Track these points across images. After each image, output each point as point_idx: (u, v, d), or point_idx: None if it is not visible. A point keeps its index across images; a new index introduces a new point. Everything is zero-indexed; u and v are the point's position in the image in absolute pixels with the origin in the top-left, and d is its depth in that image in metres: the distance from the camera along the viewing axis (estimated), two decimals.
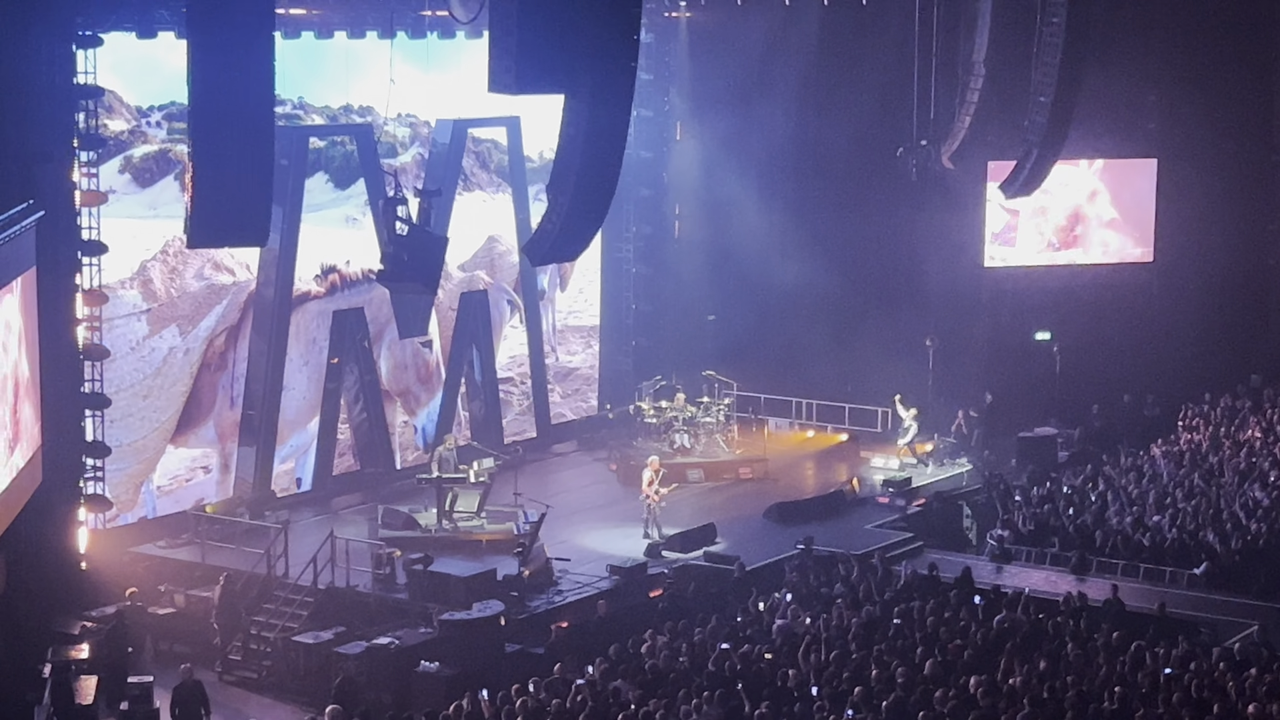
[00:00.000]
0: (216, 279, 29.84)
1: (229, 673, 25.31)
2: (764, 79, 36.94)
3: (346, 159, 31.81)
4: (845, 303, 37.16)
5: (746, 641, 22.58)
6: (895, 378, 35.92)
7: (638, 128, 34.11)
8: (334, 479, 31.86)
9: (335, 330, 31.44)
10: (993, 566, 28.32)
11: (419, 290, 26.40)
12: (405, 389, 33.13)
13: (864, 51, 36.27)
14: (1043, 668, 21.03)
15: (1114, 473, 32.47)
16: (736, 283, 37.41)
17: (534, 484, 31.86)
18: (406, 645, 24.31)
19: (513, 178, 34.71)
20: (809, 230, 37.13)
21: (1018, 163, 33.36)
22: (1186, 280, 38.70)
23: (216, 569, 26.74)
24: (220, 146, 20.47)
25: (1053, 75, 31.48)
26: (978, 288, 38.68)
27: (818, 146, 37.60)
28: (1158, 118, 39.07)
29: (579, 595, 26.57)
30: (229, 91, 20.44)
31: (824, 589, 25.69)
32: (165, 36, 27.34)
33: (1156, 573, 27.72)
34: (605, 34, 21.17)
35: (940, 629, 22.88)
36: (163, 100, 28.89)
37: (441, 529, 29.02)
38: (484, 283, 34.41)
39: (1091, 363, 37.85)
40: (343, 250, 31.76)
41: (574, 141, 21.70)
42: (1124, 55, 36.88)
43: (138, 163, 28.79)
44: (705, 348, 37.12)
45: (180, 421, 29.46)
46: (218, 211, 20.83)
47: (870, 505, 32.02)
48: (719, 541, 29.13)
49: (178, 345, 29.30)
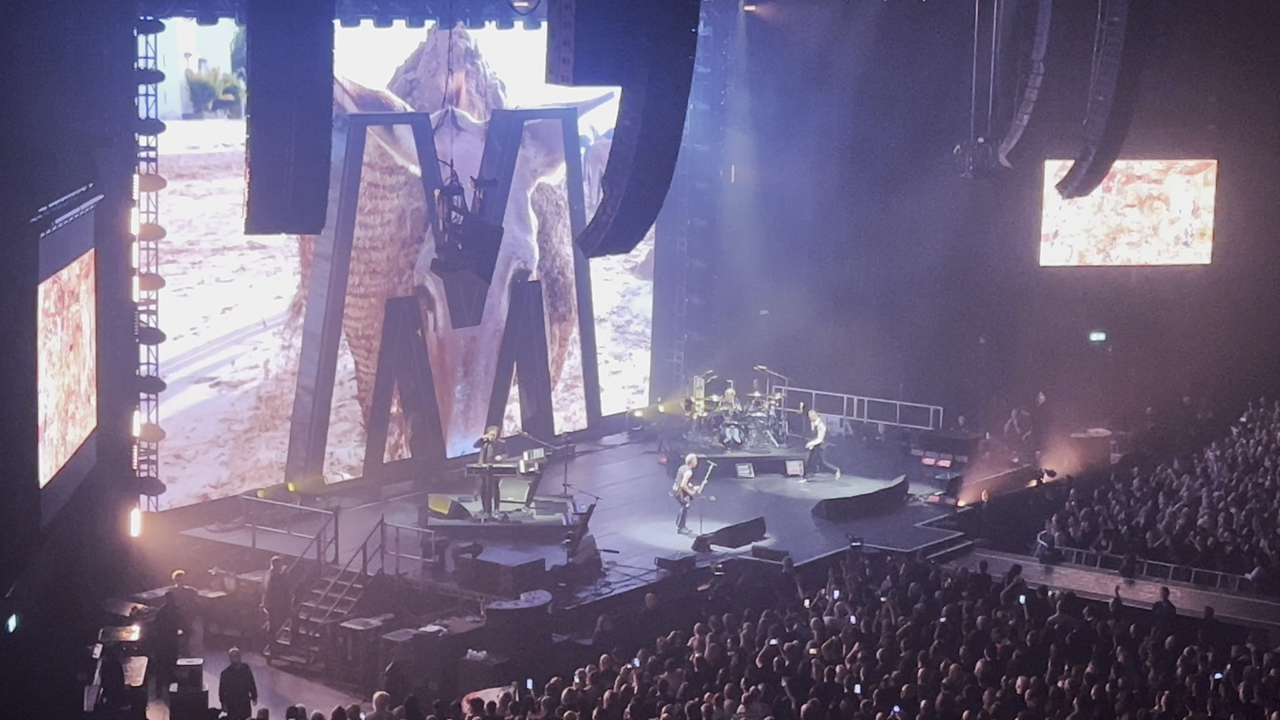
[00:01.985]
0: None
1: (277, 658, 25.45)
2: (821, 73, 36.82)
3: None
4: (898, 300, 37.06)
5: (794, 637, 22.56)
6: (948, 376, 35.77)
7: (694, 121, 34.11)
8: (384, 466, 31.97)
9: (389, 317, 31.55)
10: (1042, 568, 28.18)
11: (473, 278, 26.45)
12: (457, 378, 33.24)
13: (922, 47, 36.16)
14: (1091, 670, 20.92)
15: (1167, 476, 32.28)
16: (790, 277, 37.30)
17: (584, 476, 31.93)
18: (454, 634, 24.39)
19: (569, 169, 34.75)
20: (863, 226, 37.07)
21: (1075, 162, 33.17)
22: (1244, 284, 38.40)
23: (267, 554, 26.87)
24: (278, 132, 20.55)
25: (1112, 75, 31.28)
26: (1032, 286, 38.49)
27: (874, 142, 37.48)
28: (1218, 119, 38.79)
29: (626, 587, 26.59)
30: (288, 77, 20.50)
31: (872, 586, 25.63)
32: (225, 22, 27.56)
33: (1207, 577, 27.54)
34: (663, 26, 21.13)
35: (990, 629, 22.81)
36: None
37: (490, 518, 29.08)
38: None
39: (1146, 365, 37.63)
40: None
41: (630, 133, 21.67)
42: (1184, 56, 36.58)
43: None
44: (757, 342, 37.06)
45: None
46: (275, 198, 20.91)
47: (921, 504, 31.92)
48: (767, 537, 29.11)
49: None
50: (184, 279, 28.73)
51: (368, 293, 31.45)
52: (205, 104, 29.12)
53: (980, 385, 36.82)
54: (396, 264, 31.79)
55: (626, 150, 21.79)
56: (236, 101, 28.78)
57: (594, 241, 23.13)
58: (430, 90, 31.74)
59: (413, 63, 31.55)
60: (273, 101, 20.44)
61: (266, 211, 21.08)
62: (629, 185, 21.95)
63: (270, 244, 29.56)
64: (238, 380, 29.82)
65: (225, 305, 29.54)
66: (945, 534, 30.10)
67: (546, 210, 34.65)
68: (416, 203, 31.74)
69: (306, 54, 20.50)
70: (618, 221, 22.40)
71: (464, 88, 32.31)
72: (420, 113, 31.59)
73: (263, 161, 20.60)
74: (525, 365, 34.34)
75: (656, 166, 22.06)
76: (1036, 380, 37.08)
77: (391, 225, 31.62)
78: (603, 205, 22.57)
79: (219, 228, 29.11)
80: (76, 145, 24.69)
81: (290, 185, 20.77)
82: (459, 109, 32.11)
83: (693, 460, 30.06)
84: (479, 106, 32.79)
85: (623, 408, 37.00)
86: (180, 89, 28.47)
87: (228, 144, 28.58)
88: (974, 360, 37.05)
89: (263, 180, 20.66)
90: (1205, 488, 31.18)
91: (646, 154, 21.72)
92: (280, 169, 20.60)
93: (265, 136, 20.55)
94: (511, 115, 33.16)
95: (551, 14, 20.90)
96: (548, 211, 34.70)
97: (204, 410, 29.32)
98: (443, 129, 31.37)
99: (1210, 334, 37.81)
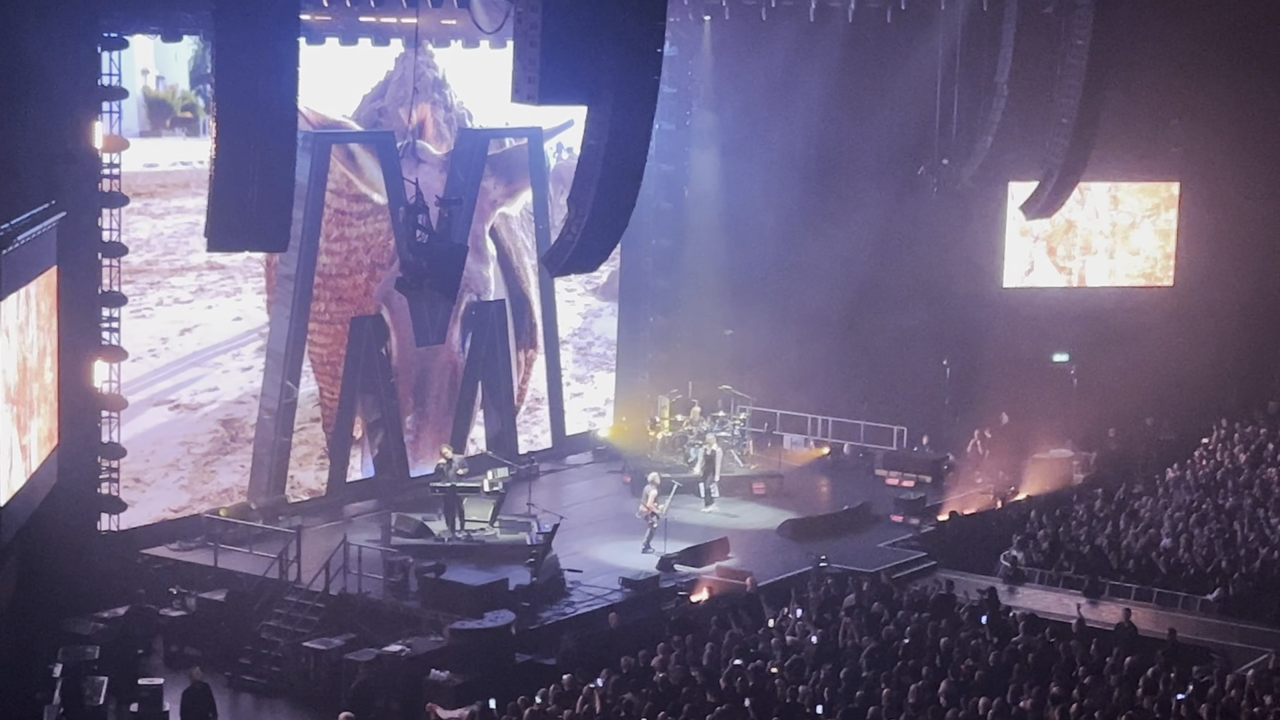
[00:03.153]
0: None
1: (238, 677, 25.30)
2: (786, 95, 36.94)
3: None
4: (863, 320, 37.15)
5: (758, 657, 22.55)
6: (912, 395, 35.84)
7: (659, 140, 34.14)
8: (348, 485, 31.87)
9: (353, 336, 31.47)
10: (1005, 588, 28.23)
11: (437, 298, 26.40)
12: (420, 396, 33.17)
13: (887, 70, 36.28)
14: (1054, 691, 20.96)
15: (1129, 497, 32.39)
16: (755, 298, 37.39)
17: (548, 495, 31.87)
18: (417, 653, 24.29)
19: (534, 188, 34.73)
20: (827, 246, 37.12)
21: (1039, 184, 33.33)
22: (1206, 305, 38.59)
23: (228, 573, 26.72)
24: (243, 150, 20.49)
25: (1075, 98, 31.46)
26: (996, 307, 38.64)
27: (838, 163, 37.62)
28: (1180, 141, 39.03)
29: (590, 607, 26.54)
30: (253, 94, 20.46)
31: (836, 606, 25.64)
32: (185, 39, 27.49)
33: (1170, 598, 27.64)
34: (629, 46, 21.16)
35: (953, 649, 22.84)
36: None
37: (454, 537, 29.01)
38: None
39: (1109, 386, 37.75)
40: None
41: (595, 153, 21.69)
42: (1147, 79, 36.86)
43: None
44: (722, 362, 37.09)
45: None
46: (239, 215, 20.84)
47: (884, 523, 31.97)
48: (731, 556, 29.10)
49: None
50: (142, 299, 28.38)
51: (333, 319, 31.28)
52: (163, 121, 28.78)
53: (944, 405, 36.89)
54: (363, 290, 31.64)
55: (592, 170, 21.81)
56: (195, 119, 28.65)
57: (559, 260, 23.12)
58: (396, 120, 31.64)
59: (380, 91, 31.47)
60: (238, 118, 20.41)
61: (230, 229, 21.01)
62: (594, 204, 21.96)
63: (230, 264, 29.32)
64: (197, 403, 29.54)
65: (184, 327, 29.20)
66: (908, 554, 30.13)
67: (506, 237, 34.51)
68: (382, 230, 31.62)
69: (272, 70, 20.48)
70: (583, 241, 22.40)
71: (429, 119, 32.24)
72: (384, 131, 31.52)
73: (226, 178, 20.54)
74: (490, 385, 34.26)
75: (622, 186, 22.08)
76: (1000, 401, 37.19)
77: (357, 252, 31.48)
78: (568, 224, 22.58)
79: (177, 247, 28.82)
80: (38, 162, 24.62)
81: (254, 203, 20.72)
82: (422, 140, 31.98)
83: (656, 479, 30.05)
84: (446, 138, 32.71)
85: (584, 430, 36.93)
86: (138, 106, 28.03)
87: (186, 162, 28.40)
88: (938, 380, 37.13)
89: (226, 197, 20.60)
90: (1167, 509, 31.29)
91: (612, 173, 21.73)
92: (244, 186, 20.54)
93: (229, 153, 20.49)
94: (477, 134, 33.14)
95: (517, 34, 20.91)
96: (509, 238, 34.56)
97: (163, 433, 29.04)
98: (404, 160, 31.20)
99: (1173, 355, 37.94)
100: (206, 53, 27.90)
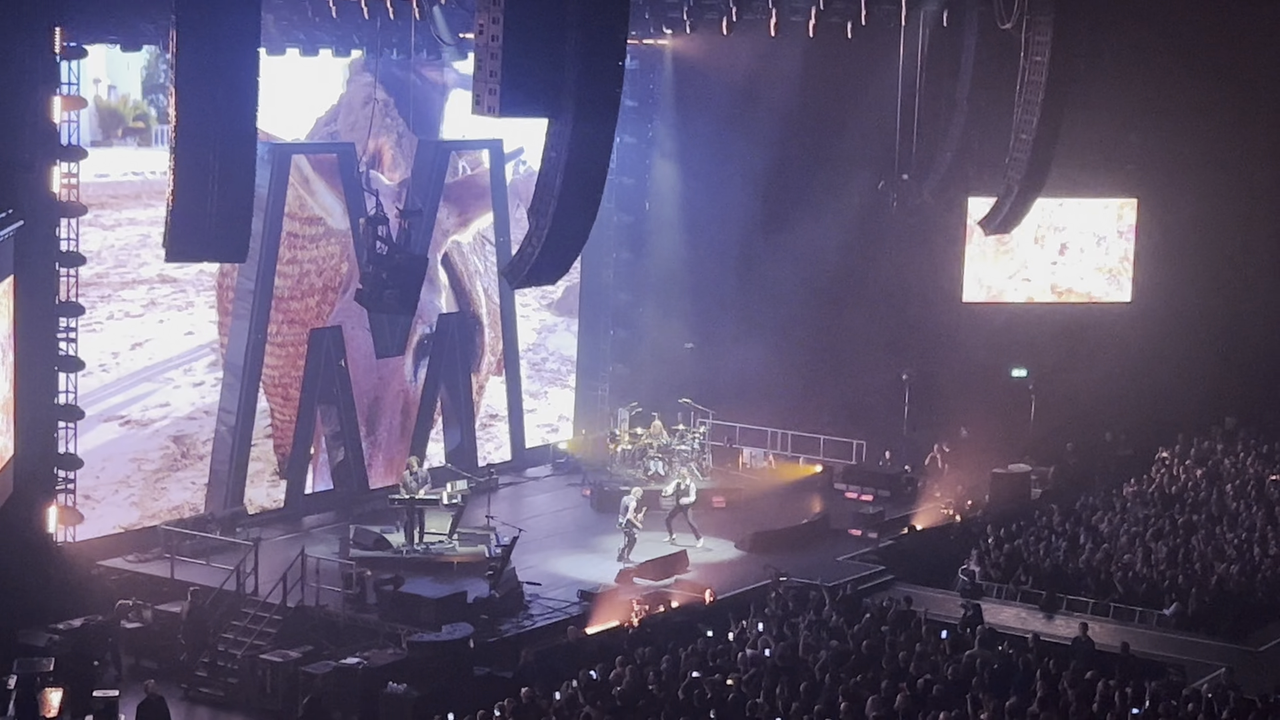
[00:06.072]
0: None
1: (194, 690, 25.15)
2: (747, 109, 36.99)
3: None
4: (823, 334, 37.25)
5: (716, 670, 22.53)
6: (872, 410, 35.87)
7: (620, 153, 34.18)
8: (306, 498, 31.75)
9: (312, 347, 31.35)
10: (963, 602, 28.26)
11: (397, 310, 26.34)
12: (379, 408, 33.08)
13: (848, 85, 36.34)
14: (1011, 704, 21.01)
15: (1086, 511, 32.50)
16: (715, 311, 37.43)
17: (507, 508, 31.81)
18: (375, 666, 24.18)
19: (494, 201, 34.70)
20: (788, 260, 37.18)
21: (998, 199, 33.45)
22: (1163, 321, 38.81)
23: (185, 584, 26.60)
24: (202, 160, 20.40)
25: (1035, 113, 31.56)
26: (956, 322, 38.77)
27: (799, 176, 37.67)
28: (1138, 158, 39.25)
29: (549, 620, 26.49)
30: (213, 105, 20.39)
31: (795, 619, 25.65)
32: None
33: (1126, 612, 27.75)
34: (590, 59, 21.20)
35: (911, 663, 22.87)
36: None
37: (413, 550, 28.93)
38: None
39: (1067, 401, 37.93)
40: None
41: (556, 165, 21.70)
42: (1106, 96, 37.06)
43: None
44: (682, 376, 37.11)
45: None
46: (197, 226, 20.75)
47: (843, 537, 31.99)
48: (690, 570, 29.08)
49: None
50: (94, 313, 27.96)
51: (285, 341, 31.12)
52: (115, 131, 28.47)
53: (903, 420, 36.95)
54: (314, 313, 31.49)
55: (552, 182, 21.82)
56: (147, 129, 28.43)
57: (519, 273, 23.11)
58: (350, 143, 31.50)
59: (333, 115, 31.38)
60: (198, 127, 20.33)
61: (188, 240, 20.93)
62: (555, 217, 21.97)
63: (182, 278, 29.08)
64: (148, 419, 29.30)
65: (135, 341, 28.92)
66: (867, 567, 30.17)
67: (458, 260, 34.36)
68: (334, 254, 31.50)
69: (233, 80, 20.42)
70: (543, 253, 22.41)
71: (385, 149, 32.15)
72: (346, 143, 31.43)
73: (185, 188, 20.47)
74: (450, 397, 34.19)
75: (582, 199, 22.11)
76: (959, 415, 37.29)
77: (310, 275, 31.34)
78: (528, 237, 22.58)
79: (128, 260, 28.54)
80: None
81: (213, 213, 20.65)
82: (376, 171, 31.85)
83: (638, 492, 30.14)
84: (401, 165, 32.60)
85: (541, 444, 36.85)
86: (89, 116, 27.53)
87: (138, 172, 28.18)
88: (897, 394, 37.20)
89: (185, 208, 20.53)
90: (1124, 523, 31.42)
91: (572, 186, 21.75)
92: (203, 196, 20.48)
93: (189, 163, 20.42)
94: (439, 145, 33.10)
95: (478, 46, 20.92)
96: (461, 261, 34.42)
97: (113, 449, 28.75)
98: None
99: (1131, 371, 38.18)
100: (160, 62, 27.82)
